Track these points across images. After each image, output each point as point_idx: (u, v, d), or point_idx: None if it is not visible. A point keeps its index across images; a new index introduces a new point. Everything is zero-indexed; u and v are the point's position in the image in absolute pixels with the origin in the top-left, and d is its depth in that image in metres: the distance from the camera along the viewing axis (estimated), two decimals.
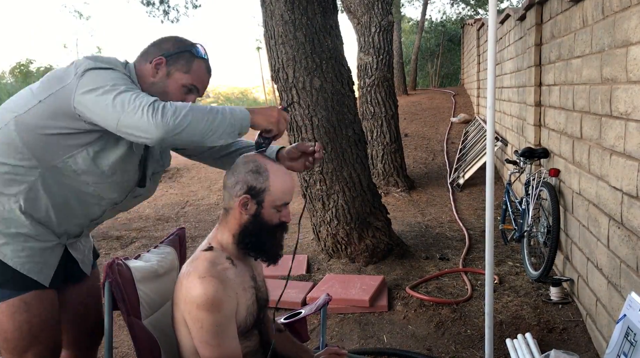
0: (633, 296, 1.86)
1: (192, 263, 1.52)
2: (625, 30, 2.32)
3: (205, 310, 1.41)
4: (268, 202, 1.53)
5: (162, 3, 11.97)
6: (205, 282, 1.42)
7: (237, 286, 1.50)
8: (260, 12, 4.04)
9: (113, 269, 1.52)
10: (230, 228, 1.56)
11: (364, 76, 6.52)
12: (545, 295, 3.39)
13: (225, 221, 1.57)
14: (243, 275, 1.55)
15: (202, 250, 1.55)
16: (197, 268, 1.47)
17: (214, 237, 1.59)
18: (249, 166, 1.54)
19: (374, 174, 6.38)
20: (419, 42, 17.64)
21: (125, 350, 2.93)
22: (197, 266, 1.48)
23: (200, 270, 1.46)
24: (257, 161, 1.55)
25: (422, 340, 2.96)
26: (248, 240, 1.54)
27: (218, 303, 1.42)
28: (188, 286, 1.45)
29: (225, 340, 1.45)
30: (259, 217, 1.54)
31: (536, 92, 4.26)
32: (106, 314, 1.56)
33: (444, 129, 9.90)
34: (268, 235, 1.56)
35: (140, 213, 6.40)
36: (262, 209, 1.53)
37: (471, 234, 4.75)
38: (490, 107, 2.39)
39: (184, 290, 1.46)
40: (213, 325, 1.42)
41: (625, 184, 2.34)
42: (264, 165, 1.54)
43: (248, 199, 1.52)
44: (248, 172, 1.53)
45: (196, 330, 1.44)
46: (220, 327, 1.44)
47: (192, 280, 1.45)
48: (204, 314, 1.42)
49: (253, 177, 1.52)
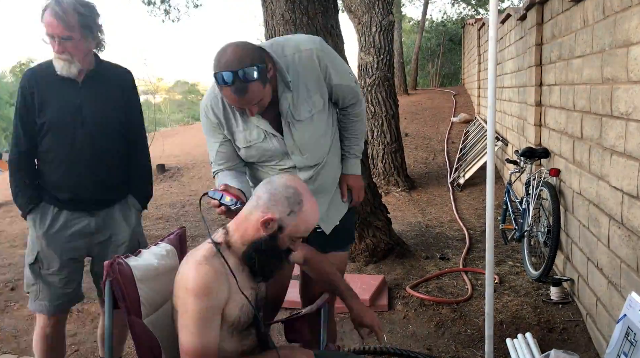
0: (633, 296, 1.86)
1: (195, 251, 1.55)
2: (626, 30, 2.32)
3: (193, 294, 1.43)
4: (289, 231, 1.53)
5: (163, 2, 11.98)
6: (200, 268, 1.45)
7: (232, 283, 1.50)
8: (261, 11, 4.04)
9: (114, 268, 1.53)
10: (243, 235, 1.55)
11: (365, 75, 6.52)
12: (545, 294, 3.39)
13: (242, 226, 1.56)
14: (241, 273, 1.55)
15: (208, 242, 1.56)
16: (196, 255, 1.50)
17: (222, 235, 1.59)
18: (288, 191, 1.52)
19: (374, 174, 6.38)
20: (419, 41, 17.65)
21: (126, 349, 2.93)
22: (198, 253, 1.51)
23: (198, 257, 1.49)
24: (297, 191, 1.54)
25: (422, 339, 2.96)
26: (255, 255, 1.54)
27: (207, 290, 1.43)
28: (183, 271, 1.49)
29: (205, 329, 1.45)
30: (274, 240, 1.53)
31: (537, 92, 4.26)
32: (107, 313, 1.56)
33: (445, 128, 9.90)
34: (274, 258, 1.57)
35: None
36: (281, 235, 1.53)
37: (471, 234, 4.75)
38: (490, 107, 2.40)
39: (179, 274, 1.50)
40: (198, 312, 1.43)
41: (625, 184, 2.34)
42: (302, 197, 1.53)
43: (273, 221, 1.51)
44: (284, 197, 1.52)
45: (180, 314, 1.46)
46: (204, 315, 1.44)
47: (189, 265, 1.48)
48: (191, 299, 1.43)
49: (286, 204, 1.51)
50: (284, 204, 1.51)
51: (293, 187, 1.54)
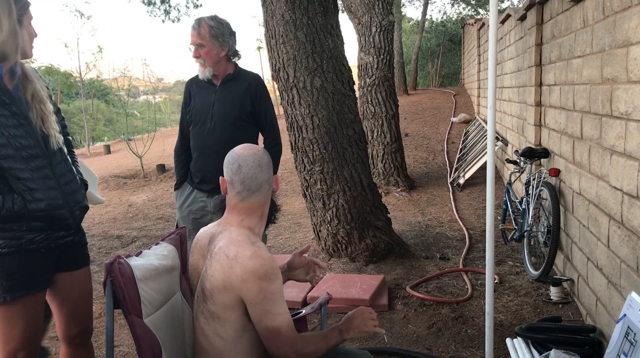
0: (633, 296, 1.87)
1: (229, 247, 1.55)
2: (626, 31, 2.32)
3: (267, 280, 1.49)
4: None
5: (163, 2, 11.96)
6: (259, 253, 1.51)
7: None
8: (261, 11, 4.05)
9: (114, 268, 1.52)
10: (258, 212, 1.67)
11: (365, 75, 6.53)
12: (545, 294, 3.40)
13: (252, 210, 1.65)
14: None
15: (235, 236, 1.59)
16: (241, 246, 1.54)
17: (230, 223, 1.64)
18: (256, 161, 1.65)
19: (374, 174, 6.38)
20: (419, 42, 17.66)
21: (126, 350, 2.93)
22: (239, 245, 1.54)
23: (246, 246, 1.53)
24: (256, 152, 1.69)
25: (422, 339, 2.96)
26: (270, 210, 1.72)
27: (276, 271, 1.52)
28: (243, 265, 1.50)
29: (283, 306, 1.53)
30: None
31: (536, 92, 4.26)
32: (107, 313, 1.57)
33: (445, 129, 9.90)
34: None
35: (141, 213, 6.41)
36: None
37: (471, 234, 4.75)
38: (490, 107, 2.40)
39: (238, 270, 1.50)
40: (274, 293, 1.51)
41: (625, 184, 2.34)
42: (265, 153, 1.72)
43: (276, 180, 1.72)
44: (262, 165, 1.66)
45: (259, 302, 1.50)
46: (279, 293, 1.53)
47: (245, 255, 1.51)
48: (265, 284, 1.49)
49: (269, 161, 1.69)
50: (269, 166, 1.69)
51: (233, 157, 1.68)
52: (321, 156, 4.00)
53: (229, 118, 2.81)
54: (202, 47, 2.76)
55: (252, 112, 2.87)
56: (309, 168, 4.08)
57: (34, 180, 1.79)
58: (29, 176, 1.78)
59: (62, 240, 1.92)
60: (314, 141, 3.98)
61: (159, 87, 19.63)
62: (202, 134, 2.85)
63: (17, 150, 1.76)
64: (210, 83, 2.87)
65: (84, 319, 2.08)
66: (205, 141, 2.83)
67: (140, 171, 9.21)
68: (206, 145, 2.83)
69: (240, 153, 1.65)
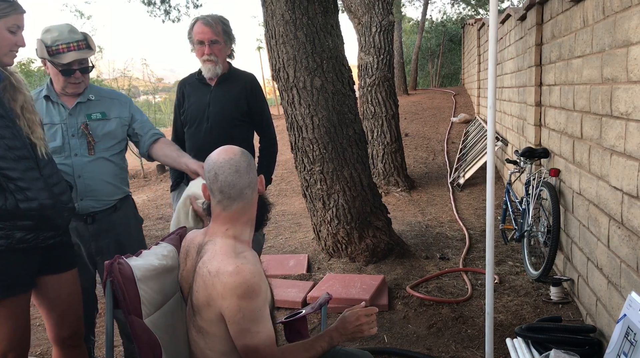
0: (633, 296, 1.87)
1: (212, 262, 1.50)
2: (626, 31, 2.32)
3: (246, 298, 1.44)
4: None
5: (163, 2, 11.96)
6: (237, 271, 1.44)
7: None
8: (261, 11, 4.05)
9: (114, 268, 1.52)
10: (244, 218, 1.59)
11: (365, 75, 6.53)
12: (545, 294, 3.39)
13: (237, 217, 1.58)
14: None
15: (219, 249, 1.53)
16: (224, 260, 1.48)
17: (215, 233, 1.58)
18: (232, 167, 1.56)
19: (374, 174, 6.38)
20: (419, 42, 17.65)
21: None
22: (222, 260, 1.49)
23: (227, 262, 1.47)
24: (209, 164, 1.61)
25: (422, 339, 2.96)
26: (260, 212, 1.68)
27: (257, 288, 1.45)
28: (224, 282, 1.45)
29: (264, 324, 1.49)
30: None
31: (536, 92, 4.26)
32: (107, 313, 1.56)
33: (445, 129, 9.90)
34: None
35: (141, 213, 6.40)
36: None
37: (471, 234, 4.75)
38: (490, 107, 2.40)
39: (219, 287, 1.45)
40: (254, 311, 1.45)
41: (625, 184, 2.34)
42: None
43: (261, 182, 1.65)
44: (240, 170, 1.57)
45: (237, 320, 1.46)
46: (260, 311, 1.47)
47: (224, 274, 1.45)
48: (245, 303, 1.44)
49: (250, 163, 1.60)
50: (251, 167, 1.61)
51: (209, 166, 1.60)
52: (321, 156, 4.00)
53: (226, 118, 2.80)
54: (217, 44, 2.74)
55: (248, 112, 2.86)
56: (309, 168, 4.08)
57: (24, 180, 1.80)
58: (20, 176, 1.79)
59: (51, 240, 1.93)
60: (314, 141, 3.98)
61: (159, 88, 19.61)
62: (198, 135, 2.83)
63: (7, 151, 1.77)
64: (204, 83, 2.85)
65: (74, 321, 2.07)
66: (202, 141, 2.80)
67: (141, 171, 9.22)
68: (203, 145, 2.76)
69: (216, 160, 1.56)
